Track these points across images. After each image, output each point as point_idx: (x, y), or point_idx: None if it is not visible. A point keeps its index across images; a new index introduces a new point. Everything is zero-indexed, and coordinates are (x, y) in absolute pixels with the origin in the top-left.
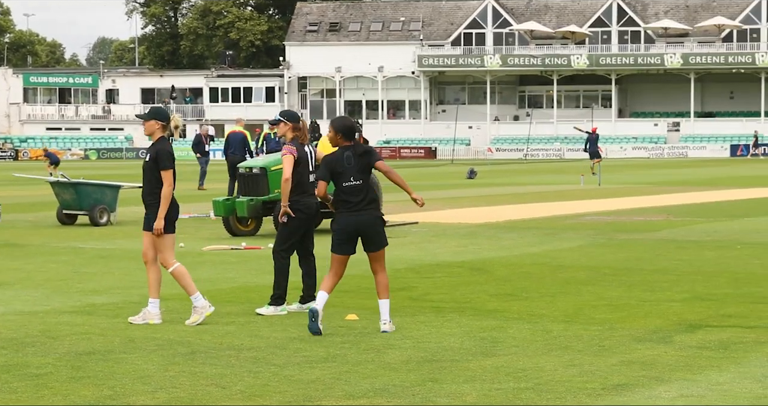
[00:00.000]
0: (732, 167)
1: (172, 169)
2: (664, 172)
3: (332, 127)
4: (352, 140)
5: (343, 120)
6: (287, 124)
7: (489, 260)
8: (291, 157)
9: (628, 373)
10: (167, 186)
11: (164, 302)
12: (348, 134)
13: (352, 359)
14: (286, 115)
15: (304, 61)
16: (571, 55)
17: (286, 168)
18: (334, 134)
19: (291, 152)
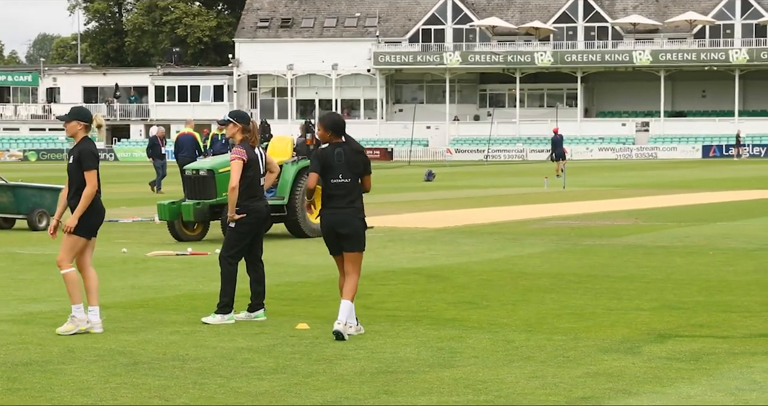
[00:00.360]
0: (704, 169)
1: (95, 169)
2: (632, 174)
3: (322, 123)
4: (343, 136)
5: (332, 116)
6: (236, 125)
7: (447, 267)
8: (240, 163)
9: (594, 385)
10: (90, 187)
11: (105, 310)
12: (338, 130)
13: (303, 370)
14: (235, 116)
15: (254, 59)
16: (534, 53)
17: (234, 175)
18: (324, 131)
19: (240, 157)
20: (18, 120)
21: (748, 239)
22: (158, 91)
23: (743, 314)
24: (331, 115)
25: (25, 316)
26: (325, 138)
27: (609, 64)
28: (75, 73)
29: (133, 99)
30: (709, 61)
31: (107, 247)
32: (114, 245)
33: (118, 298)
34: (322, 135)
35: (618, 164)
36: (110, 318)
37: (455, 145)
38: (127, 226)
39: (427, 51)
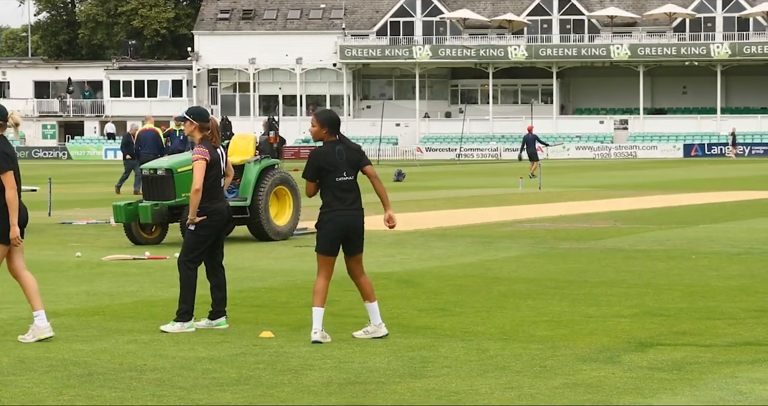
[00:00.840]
0: (686, 169)
1: (10, 170)
2: (610, 174)
3: (317, 119)
4: (337, 135)
5: (328, 112)
6: (193, 123)
7: (418, 272)
8: (203, 164)
9: (572, 396)
10: (9, 189)
11: (60, 318)
12: (334, 127)
13: (267, 381)
14: (192, 113)
15: (214, 52)
16: (508, 47)
17: (197, 176)
18: (319, 127)
19: (203, 157)
20: None
21: (733, 242)
22: (113, 86)
23: (728, 321)
24: (327, 111)
25: None
26: (319, 135)
27: (585, 59)
28: (25, 66)
29: (87, 94)
30: (690, 55)
31: (60, 251)
32: (67, 248)
33: (72, 305)
34: (316, 132)
35: (596, 164)
36: (64, 326)
37: (426, 143)
38: (81, 228)
39: (396, 45)
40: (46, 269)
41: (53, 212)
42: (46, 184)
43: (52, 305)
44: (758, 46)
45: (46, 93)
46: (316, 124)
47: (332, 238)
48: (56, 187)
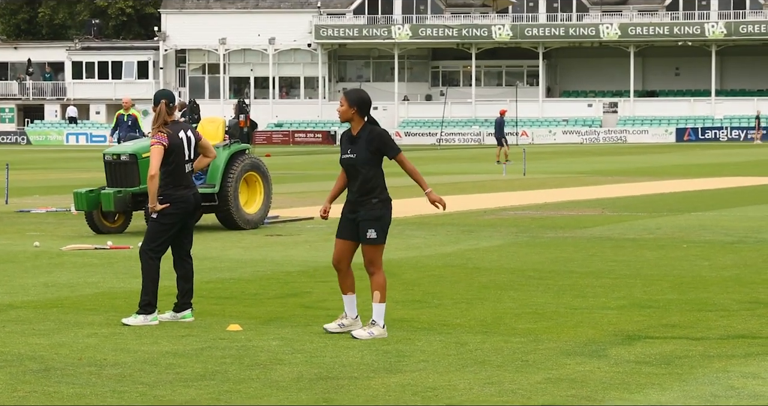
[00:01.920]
0: (677, 154)
1: None
2: (599, 159)
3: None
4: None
5: (359, 92)
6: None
7: (395, 262)
8: (160, 149)
9: (555, 392)
10: None
11: (16, 310)
12: (365, 109)
13: (234, 376)
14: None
15: (182, 32)
16: (492, 26)
17: (153, 161)
18: (348, 107)
19: (160, 142)
20: None
21: (726, 231)
22: (76, 68)
23: (720, 313)
24: (358, 90)
25: None
26: (347, 116)
27: (573, 39)
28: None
29: (48, 76)
30: (683, 35)
31: (17, 240)
32: (25, 237)
33: (29, 297)
34: (344, 112)
35: (583, 149)
36: (20, 319)
37: (405, 127)
38: (40, 217)
39: (374, 24)
40: (2, 260)
41: (10, 200)
42: (3, 170)
43: (8, 297)
44: (755, 25)
45: (4, 75)
46: (345, 103)
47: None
48: (14, 174)
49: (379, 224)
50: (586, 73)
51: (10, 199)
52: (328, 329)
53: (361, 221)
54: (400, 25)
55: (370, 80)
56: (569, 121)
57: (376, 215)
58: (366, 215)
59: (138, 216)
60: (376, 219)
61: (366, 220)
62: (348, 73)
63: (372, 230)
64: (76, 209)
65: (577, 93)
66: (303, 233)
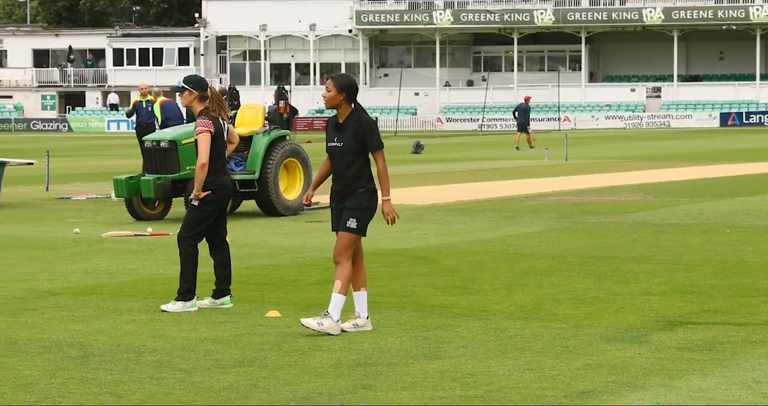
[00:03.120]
0: (722, 139)
1: None
2: (642, 144)
3: (335, 84)
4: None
5: (348, 77)
6: (193, 92)
7: (435, 248)
8: (208, 136)
9: (596, 378)
10: None
11: (55, 297)
12: (353, 95)
13: (272, 362)
14: (191, 82)
15: (223, 18)
16: (534, 11)
17: (203, 150)
18: (336, 93)
19: (208, 129)
20: None
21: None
22: (117, 55)
23: (763, 298)
24: (346, 75)
25: None
26: (334, 102)
27: (616, 24)
28: (24, 34)
29: (89, 63)
30: (728, 19)
31: (58, 227)
32: (65, 225)
33: (69, 283)
34: (332, 98)
35: (626, 134)
36: (59, 306)
37: (446, 113)
38: (80, 204)
39: (415, 9)
40: (43, 246)
41: (51, 187)
42: (44, 158)
43: (48, 283)
44: None
45: (46, 62)
46: (332, 88)
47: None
48: (55, 161)
49: (363, 215)
50: (629, 58)
51: (51, 187)
52: (344, 328)
53: (346, 210)
54: (441, 10)
55: (411, 66)
56: (612, 107)
57: (363, 205)
58: (352, 204)
59: (178, 203)
60: (361, 209)
61: (351, 209)
62: (389, 58)
63: (353, 220)
64: (116, 195)
65: (620, 78)
66: None
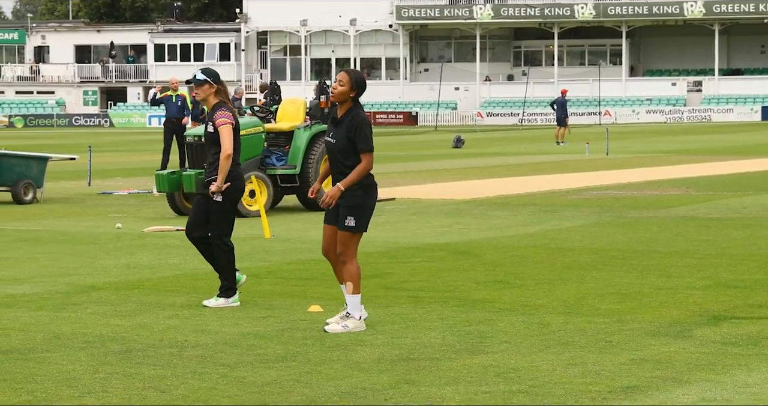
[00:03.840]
0: (763, 133)
1: None
2: (683, 139)
3: (349, 76)
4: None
5: (361, 74)
6: (213, 85)
7: (477, 242)
8: (230, 128)
9: (640, 373)
10: None
11: (98, 292)
12: (362, 92)
13: (315, 357)
14: (211, 76)
15: (264, 14)
16: (574, 5)
17: (228, 141)
18: (349, 88)
19: (230, 121)
20: (3, 82)
21: None
22: (158, 50)
23: None
24: (359, 71)
25: (6, 299)
26: (344, 97)
27: (657, 17)
28: (66, 30)
29: (131, 59)
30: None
31: (100, 222)
32: (107, 219)
33: (111, 278)
34: (344, 93)
35: (667, 128)
36: (102, 301)
37: (486, 108)
38: (122, 199)
39: (455, 4)
40: (85, 241)
41: (93, 182)
42: (86, 153)
43: (90, 278)
44: None
45: (88, 58)
46: (347, 83)
47: (371, 213)
48: (97, 156)
49: (359, 212)
50: (669, 52)
51: (93, 182)
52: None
53: (342, 208)
54: (481, 4)
55: (451, 60)
56: (653, 101)
57: (357, 202)
58: (346, 202)
59: None
60: (356, 206)
61: (346, 207)
62: (429, 53)
63: (351, 217)
64: (158, 190)
65: (660, 72)
66: (384, 213)
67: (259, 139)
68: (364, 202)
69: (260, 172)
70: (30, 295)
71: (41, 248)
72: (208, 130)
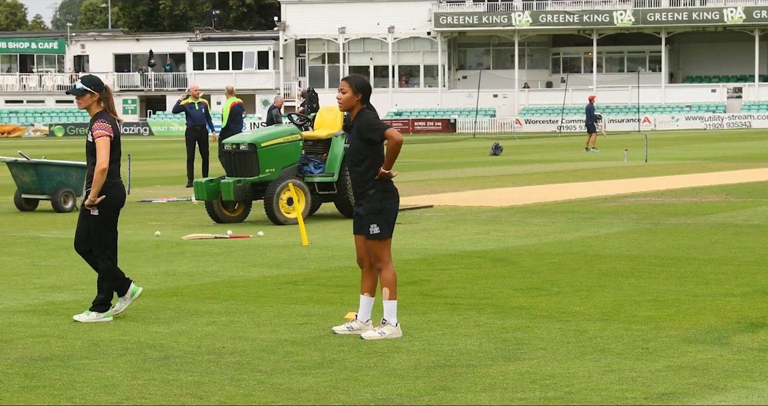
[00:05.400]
0: None
1: None
2: (722, 145)
3: (351, 84)
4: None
5: (362, 78)
6: (94, 94)
7: (514, 249)
8: (107, 140)
9: (677, 380)
10: None
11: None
12: (368, 96)
13: (352, 364)
14: (91, 84)
15: (302, 22)
16: (613, 11)
17: (103, 154)
18: (352, 94)
19: (108, 133)
20: (43, 91)
21: None
22: (197, 59)
23: None
24: (360, 76)
25: (46, 306)
26: (350, 104)
27: (697, 24)
28: (105, 39)
29: (169, 67)
30: None
31: (139, 229)
32: (146, 227)
33: (150, 285)
34: (348, 99)
35: (707, 135)
36: (140, 308)
37: (525, 115)
38: (161, 206)
39: (494, 11)
40: (125, 249)
41: (132, 190)
42: (126, 161)
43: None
44: None
45: (127, 66)
46: (348, 89)
47: (394, 218)
48: (136, 164)
49: (381, 217)
50: (709, 58)
51: (132, 190)
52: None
53: (363, 216)
54: (520, 11)
55: (490, 68)
56: (692, 107)
57: (376, 208)
58: (366, 209)
59: (257, 205)
60: (376, 212)
61: (367, 214)
62: (468, 60)
63: (374, 225)
64: (197, 198)
65: (700, 78)
66: (422, 221)
67: (296, 147)
68: (384, 206)
69: (298, 179)
70: (69, 302)
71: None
72: (88, 140)
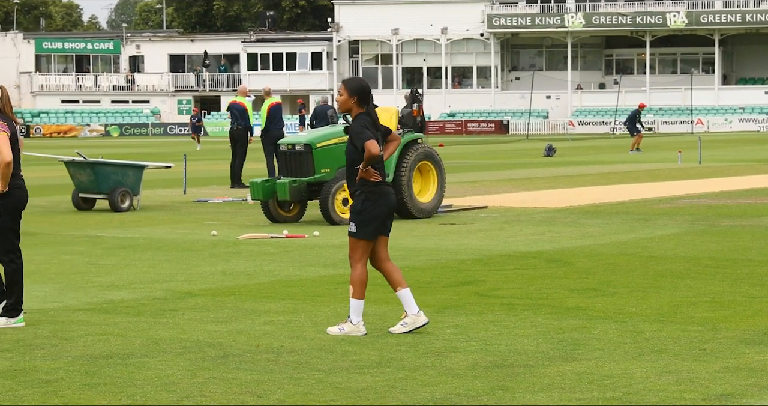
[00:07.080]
0: None
1: None
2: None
3: (346, 87)
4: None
5: (359, 80)
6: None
7: (569, 250)
8: (5, 136)
9: (734, 381)
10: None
11: (194, 298)
12: (365, 98)
13: (410, 363)
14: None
15: (355, 23)
16: (666, 13)
17: (5, 150)
18: (347, 97)
19: (4, 129)
20: (99, 92)
21: None
22: (251, 59)
23: None
24: (357, 79)
25: (105, 304)
26: (346, 106)
27: (750, 26)
28: (160, 39)
29: (223, 68)
30: None
31: (196, 229)
32: (203, 227)
33: (207, 284)
34: (344, 102)
35: (760, 137)
36: (198, 307)
37: (578, 116)
38: (218, 206)
39: (547, 12)
40: (182, 248)
41: (188, 190)
42: (182, 161)
43: (187, 285)
44: None
45: (182, 67)
46: (344, 92)
47: (384, 217)
48: (192, 164)
49: (360, 218)
50: (763, 60)
51: (189, 190)
52: (392, 331)
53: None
54: (573, 13)
55: (542, 69)
56: (746, 109)
57: (357, 208)
58: (351, 208)
59: (313, 205)
60: (356, 212)
61: (351, 213)
62: (521, 62)
63: (352, 223)
64: (253, 198)
65: (754, 80)
66: (476, 221)
67: None
68: (364, 208)
69: None
70: (128, 301)
71: (138, 254)
72: None
